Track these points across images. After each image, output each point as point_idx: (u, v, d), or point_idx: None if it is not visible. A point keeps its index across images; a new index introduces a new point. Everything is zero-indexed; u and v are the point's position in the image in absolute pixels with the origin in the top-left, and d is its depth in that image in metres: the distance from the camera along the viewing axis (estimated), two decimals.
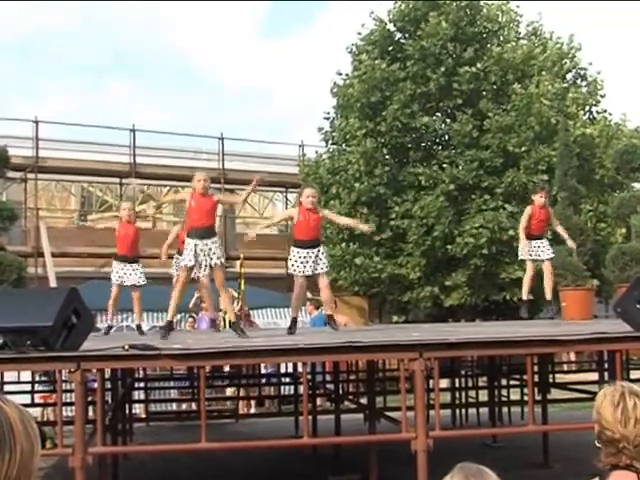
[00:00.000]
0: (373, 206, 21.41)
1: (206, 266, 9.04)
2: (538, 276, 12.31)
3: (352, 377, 14.79)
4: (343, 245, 21.47)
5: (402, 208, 21.09)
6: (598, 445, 3.20)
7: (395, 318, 23.62)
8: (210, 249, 9.00)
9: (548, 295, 11.88)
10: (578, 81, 23.66)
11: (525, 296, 12.16)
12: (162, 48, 76.30)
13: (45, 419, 13.13)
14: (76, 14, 69.81)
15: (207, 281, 11.85)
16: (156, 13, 73.38)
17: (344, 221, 12.38)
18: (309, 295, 16.18)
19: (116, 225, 11.63)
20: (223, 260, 9.21)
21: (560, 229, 12.12)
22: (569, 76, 23.66)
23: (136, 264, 11.32)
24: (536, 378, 11.30)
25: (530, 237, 11.70)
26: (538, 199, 11.78)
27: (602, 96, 23.28)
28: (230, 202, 13.98)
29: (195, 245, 8.96)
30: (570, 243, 12.08)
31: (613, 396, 3.15)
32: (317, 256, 9.59)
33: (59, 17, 72.57)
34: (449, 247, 20.57)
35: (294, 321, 9.83)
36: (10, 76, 67.53)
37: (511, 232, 20.15)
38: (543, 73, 21.82)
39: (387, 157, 21.80)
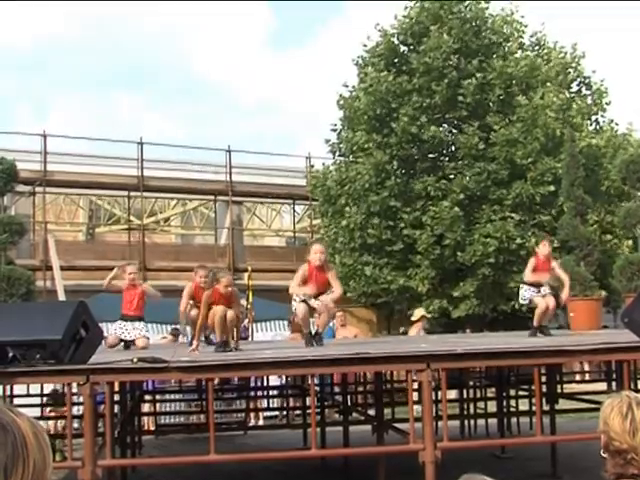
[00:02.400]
0: (382, 216, 21.44)
1: None
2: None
3: (360, 389, 14.78)
4: (355, 254, 21.55)
5: (411, 217, 21.15)
6: (604, 455, 3.20)
7: (402, 329, 23.63)
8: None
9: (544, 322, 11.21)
10: (583, 89, 23.67)
11: (536, 324, 11.56)
12: (168, 61, 76.64)
13: (55, 432, 13.14)
14: (82, 26, 70.09)
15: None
16: (162, 25, 73.65)
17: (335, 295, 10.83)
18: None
19: (122, 284, 11.50)
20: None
21: (562, 276, 11.32)
22: (574, 85, 23.68)
23: (138, 322, 11.16)
24: (544, 388, 11.30)
25: (531, 284, 11.12)
26: (542, 249, 11.24)
27: (607, 104, 23.28)
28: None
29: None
30: (563, 295, 11.28)
31: (621, 407, 3.14)
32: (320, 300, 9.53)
33: (66, 29, 72.92)
34: (459, 255, 20.59)
35: (310, 335, 9.69)
36: (16, 89, 67.86)
37: (518, 241, 20.19)
38: (547, 84, 21.85)
39: (397, 169, 21.85)
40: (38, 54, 73.58)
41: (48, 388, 13.58)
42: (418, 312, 17.28)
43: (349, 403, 13.13)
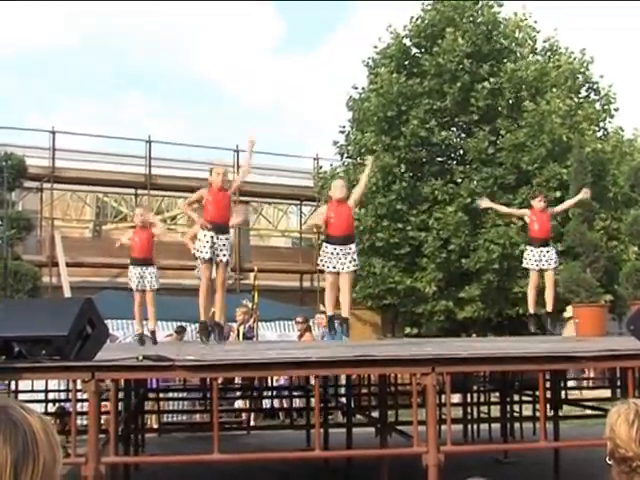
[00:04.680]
0: (390, 218, 21.42)
1: (214, 262, 9.07)
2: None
3: (364, 390, 14.77)
4: (363, 256, 21.56)
5: (418, 220, 21.15)
6: (609, 462, 3.20)
7: (408, 330, 23.63)
8: (224, 244, 9.06)
9: (549, 307, 11.44)
10: (592, 95, 23.57)
11: (532, 309, 11.74)
12: (170, 62, 76.48)
13: (58, 429, 13.16)
14: (92, 29, 70.12)
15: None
16: (170, 27, 73.66)
17: (363, 182, 10.66)
18: (321, 307, 16.13)
19: (131, 234, 11.83)
20: (230, 259, 9.20)
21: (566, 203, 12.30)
22: (582, 91, 23.59)
23: (152, 267, 11.46)
24: (548, 394, 11.28)
25: (534, 243, 11.32)
26: (537, 203, 11.42)
27: (616, 110, 23.18)
28: (242, 179, 12.09)
29: (212, 237, 9.02)
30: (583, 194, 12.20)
31: (628, 414, 3.13)
32: (348, 253, 9.40)
33: (66, 30, 72.88)
34: (464, 261, 20.60)
35: (331, 319, 9.62)
36: (26, 91, 67.92)
37: (522, 247, 20.18)
38: (554, 90, 21.80)
39: (404, 172, 21.84)
40: (48, 57, 73.49)
41: (52, 384, 13.61)
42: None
43: (353, 405, 13.13)
